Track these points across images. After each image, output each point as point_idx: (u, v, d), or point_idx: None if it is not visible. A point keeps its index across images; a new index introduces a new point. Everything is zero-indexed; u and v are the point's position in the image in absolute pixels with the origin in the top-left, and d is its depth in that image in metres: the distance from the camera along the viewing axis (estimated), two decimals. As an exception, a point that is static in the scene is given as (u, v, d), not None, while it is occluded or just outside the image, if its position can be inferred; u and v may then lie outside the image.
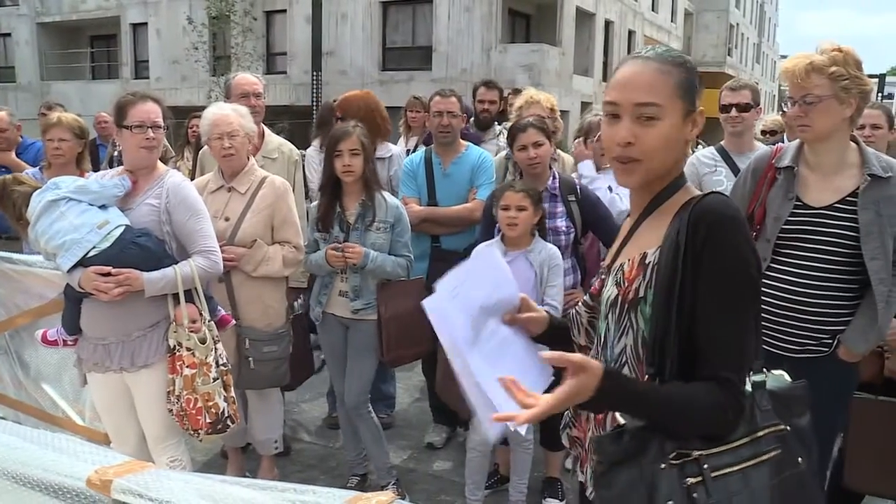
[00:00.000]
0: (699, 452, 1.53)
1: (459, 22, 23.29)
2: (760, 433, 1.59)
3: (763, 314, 2.88)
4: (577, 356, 1.53)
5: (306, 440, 4.96)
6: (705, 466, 1.52)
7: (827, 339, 2.85)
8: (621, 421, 1.61)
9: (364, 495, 1.05)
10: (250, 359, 3.79)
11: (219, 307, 3.55)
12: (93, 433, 3.94)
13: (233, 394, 3.37)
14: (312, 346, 4.54)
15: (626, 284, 1.71)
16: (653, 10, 34.70)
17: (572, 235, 3.88)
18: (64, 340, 3.43)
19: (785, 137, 5.26)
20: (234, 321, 3.62)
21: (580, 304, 1.95)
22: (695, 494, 1.50)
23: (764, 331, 2.89)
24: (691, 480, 1.51)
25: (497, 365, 1.71)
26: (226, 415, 3.31)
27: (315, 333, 4.28)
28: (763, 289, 2.88)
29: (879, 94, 26.81)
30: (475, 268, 1.83)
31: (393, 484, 4.12)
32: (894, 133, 4.73)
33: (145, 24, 29.06)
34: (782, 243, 2.88)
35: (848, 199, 2.79)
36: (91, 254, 3.06)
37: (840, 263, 2.78)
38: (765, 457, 1.57)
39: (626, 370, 1.71)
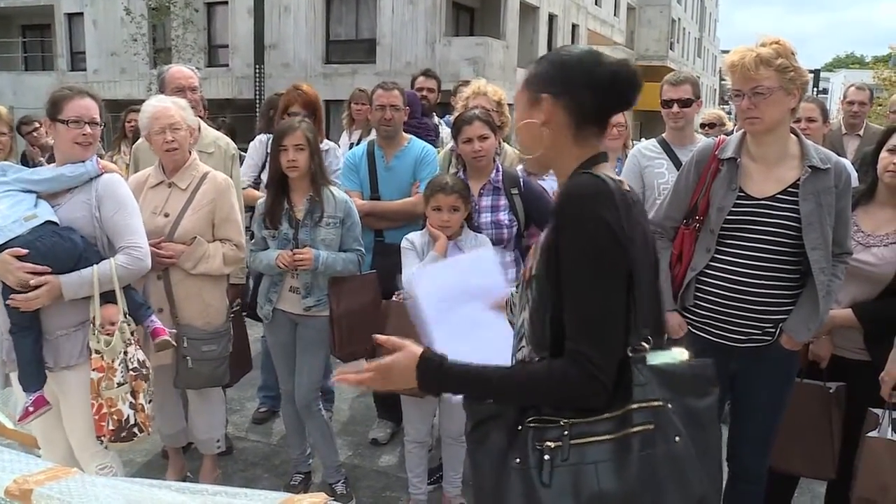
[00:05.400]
0: (566, 420, 1.62)
1: (403, 15, 23.21)
2: (633, 406, 1.60)
3: (708, 304, 2.96)
4: (398, 340, 1.78)
5: (250, 438, 4.87)
6: (565, 433, 1.60)
7: (770, 328, 2.90)
8: None
9: (295, 497, 1.01)
10: (188, 358, 3.69)
11: (153, 318, 3.40)
12: (24, 437, 3.80)
13: (143, 401, 3.22)
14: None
15: (529, 263, 1.83)
16: (596, 4, 35.04)
17: (515, 228, 3.84)
18: (27, 409, 3.16)
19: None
20: (167, 335, 3.41)
21: (514, 287, 2.09)
22: (546, 456, 1.59)
23: (709, 321, 2.96)
24: (551, 444, 1.60)
25: (457, 340, 2.00)
26: (131, 422, 3.16)
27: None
28: (707, 279, 2.93)
29: (815, 89, 27.54)
30: (472, 261, 2.24)
31: (342, 482, 4.07)
32: (828, 126, 4.85)
33: (81, 14, 28.21)
34: (726, 234, 2.91)
35: (790, 189, 2.84)
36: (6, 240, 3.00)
37: (782, 253, 2.82)
38: (632, 429, 1.58)
39: (523, 342, 1.82)
